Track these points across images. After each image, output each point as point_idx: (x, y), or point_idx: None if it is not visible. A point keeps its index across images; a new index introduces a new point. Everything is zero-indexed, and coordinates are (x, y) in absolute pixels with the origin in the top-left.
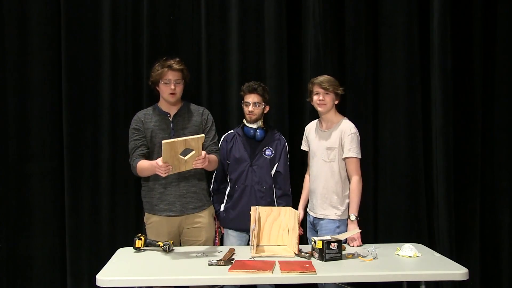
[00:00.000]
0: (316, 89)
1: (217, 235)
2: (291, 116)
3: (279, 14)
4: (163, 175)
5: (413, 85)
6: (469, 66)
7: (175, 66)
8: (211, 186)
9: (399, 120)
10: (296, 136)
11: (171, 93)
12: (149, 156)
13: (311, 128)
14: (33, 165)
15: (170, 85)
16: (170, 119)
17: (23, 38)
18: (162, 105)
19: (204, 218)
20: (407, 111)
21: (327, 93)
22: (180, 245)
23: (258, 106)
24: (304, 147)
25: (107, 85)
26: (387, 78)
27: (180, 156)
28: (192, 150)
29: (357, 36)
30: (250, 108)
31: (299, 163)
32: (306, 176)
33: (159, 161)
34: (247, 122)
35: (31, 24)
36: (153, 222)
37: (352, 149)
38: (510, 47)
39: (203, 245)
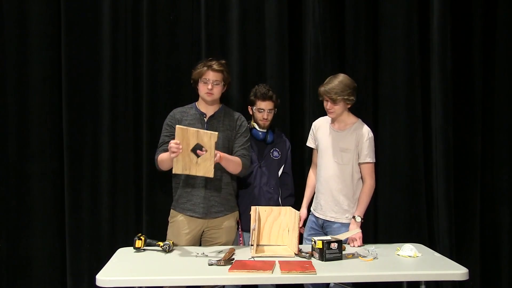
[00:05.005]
0: (325, 96)
1: (241, 238)
2: (292, 116)
3: (279, 14)
4: (172, 155)
5: (413, 85)
6: (469, 66)
7: (215, 66)
8: None
9: (399, 120)
10: (296, 136)
11: (208, 93)
12: None
13: (320, 125)
14: (33, 165)
15: (208, 85)
16: (206, 119)
17: (23, 38)
18: (200, 105)
19: (227, 222)
20: (407, 111)
21: (335, 104)
22: (200, 245)
23: (271, 112)
24: (310, 144)
25: (107, 85)
26: (387, 78)
27: (191, 153)
28: (205, 151)
29: (357, 36)
30: (265, 115)
31: (299, 163)
32: (311, 174)
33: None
34: (259, 127)
35: (31, 24)
36: (175, 221)
37: (369, 154)
38: (510, 47)
39: None
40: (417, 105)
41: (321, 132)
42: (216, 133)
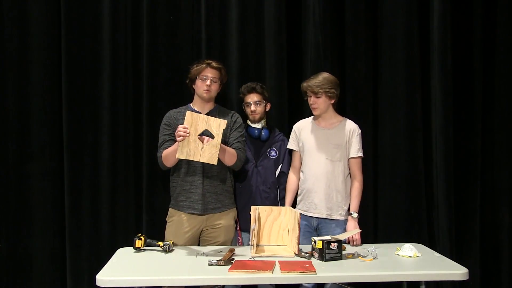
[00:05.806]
0: (307, 91)
1: (239, 237)
2: (291, 116)
3: (279, 14)
4: (179, 139)
5: (413, 85)
6: (469, 66)
7: (214, 64)
8: None
9: (399, 120)
10: None
11: (206, 90)
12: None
13: (303, 126)
14: (33, 165)
15: (206, 81)
16: None
17: (23, 38)
18: (196, 104)
19: (225, 220)
20: (407, 111)
21: (317, 97)
22: (199, 245)
23: (259, 104)
24: (292, 146)
25: (107, 85)
26: (387, 78)
27: (197, 140)
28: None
29: (357, 36)
30: (252, 107)
31: None
32: (292, 178)
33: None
34: (251, 122)
35: (31, 24)
36: (174, 221)
37: (360, 149)
38: (510, 47)
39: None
40: (417, 105)
41: (305, 132)
42: (225, 120)
